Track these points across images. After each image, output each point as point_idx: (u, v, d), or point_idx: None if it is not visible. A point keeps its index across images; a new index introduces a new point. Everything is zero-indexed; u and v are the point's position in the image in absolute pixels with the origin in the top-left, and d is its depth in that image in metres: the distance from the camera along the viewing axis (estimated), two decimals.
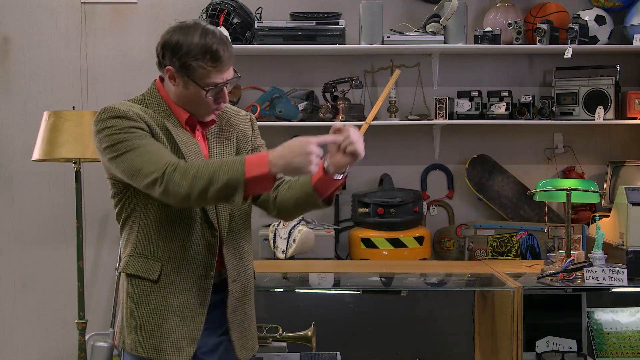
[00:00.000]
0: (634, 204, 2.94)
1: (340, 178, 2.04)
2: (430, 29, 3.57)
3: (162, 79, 2.16)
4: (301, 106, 3.59)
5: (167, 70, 2.07)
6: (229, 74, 2.08)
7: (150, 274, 2.09)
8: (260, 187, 1.98)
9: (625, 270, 2.81)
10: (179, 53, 2.02)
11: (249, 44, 3.54)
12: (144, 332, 2.10)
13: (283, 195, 2.18)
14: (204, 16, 3.48)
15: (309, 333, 3.13)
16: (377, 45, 3.52)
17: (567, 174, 3.78)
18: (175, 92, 2.10)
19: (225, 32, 3.30)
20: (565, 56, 3.47)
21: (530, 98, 3.57)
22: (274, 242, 3.41)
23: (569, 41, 3.48)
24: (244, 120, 2.29)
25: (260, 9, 3.61)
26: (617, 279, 2.80)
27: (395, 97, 3.66)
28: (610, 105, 3.55)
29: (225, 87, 2.09)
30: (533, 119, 3.59)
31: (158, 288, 2.10)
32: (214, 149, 2.17)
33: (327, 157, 2.01)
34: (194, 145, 2.11)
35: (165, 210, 2.08)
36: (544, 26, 3.47)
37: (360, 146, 1.97)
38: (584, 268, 2.85)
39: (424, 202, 3.74)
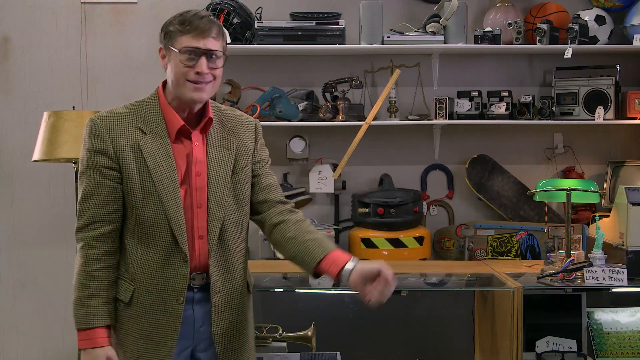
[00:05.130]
0: (634, 204, 2.95)
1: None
2: (430, 29, 3.56)
3: (164, 85, 2.17)
4: (301, 106, 3.59)
5: (160, 50, 2.14)
6: (210, 44, 2.09)
7: (124, 296, 2.13)
8: None
9: (625, 270, 2.81)
10: (165, 27, 2.13)
11: (249, 44, 3.53)
12: (121, 350, 2.15)
13: (280, 241, 2.24)
14: None
15: (309, 333, 3.13)
16: (377, 45, 3.52)
17: (567, 174, 3.77)
18: (168, 75, 2.13)
19: (225, 32, 3.30)
20: (565, 56, 3.47)
21: (530, 98, 3.57)
22: None
23: (569, 41, 3.48)
24: (247, 130, 2.27)
25: (260, 9, 3.60)
26: (617, 279, 2.81)
27: (395, 97, 3.66)
28: (610, 105, 3.55)
29: (204, 57, 2.08)
30: (533, 119, 3.59)
31: (131, 310, 2.13)
32: (212, 156, 2.16)
33: (355, 266, 2.08)
34: (167, 169, 2.09)
35: (136, 234, 2.11)
36: (544, 26, 3.47)
37: (385, 297, 2.06)
38: (584, 268, 2.85)
39: (424, 202, 3.74)
